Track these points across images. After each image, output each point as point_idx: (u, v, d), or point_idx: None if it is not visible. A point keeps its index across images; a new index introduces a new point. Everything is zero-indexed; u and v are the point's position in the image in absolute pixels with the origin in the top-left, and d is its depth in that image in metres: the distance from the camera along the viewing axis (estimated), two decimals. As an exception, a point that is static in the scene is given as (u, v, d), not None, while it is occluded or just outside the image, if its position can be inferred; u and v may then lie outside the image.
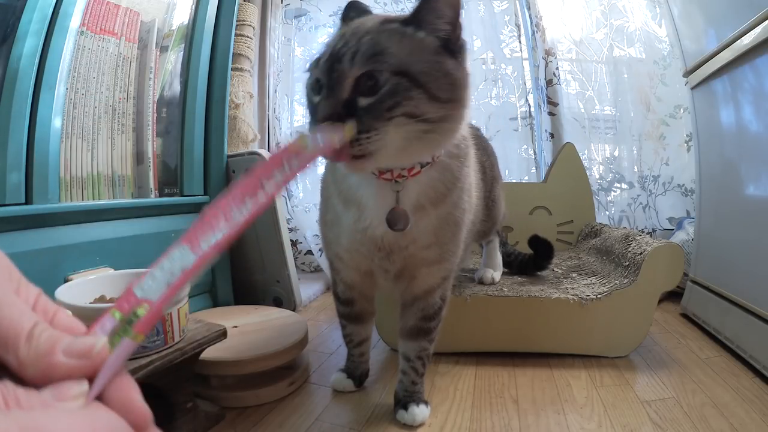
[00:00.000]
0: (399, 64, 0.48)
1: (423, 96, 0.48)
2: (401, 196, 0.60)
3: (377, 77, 0.48)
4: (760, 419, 0.72)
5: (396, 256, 0.65)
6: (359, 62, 0.48)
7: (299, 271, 1.78)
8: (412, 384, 0.74)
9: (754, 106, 0.94)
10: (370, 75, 0.48)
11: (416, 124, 0.49)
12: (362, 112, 0.47)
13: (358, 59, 0.48)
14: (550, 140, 1.62)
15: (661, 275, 0.93)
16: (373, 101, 0.48)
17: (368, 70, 0.48)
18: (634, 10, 1.59)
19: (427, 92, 0.49)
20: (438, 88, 0.49)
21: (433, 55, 0.51)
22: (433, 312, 0.71)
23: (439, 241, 0.65)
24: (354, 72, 0.48)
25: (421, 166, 0.58)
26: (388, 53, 0.48)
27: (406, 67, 0.48)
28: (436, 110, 0.50)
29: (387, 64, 0.48)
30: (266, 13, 1.78)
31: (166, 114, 1.19)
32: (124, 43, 1.04)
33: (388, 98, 0.47)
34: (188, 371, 0.68)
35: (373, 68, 0.48)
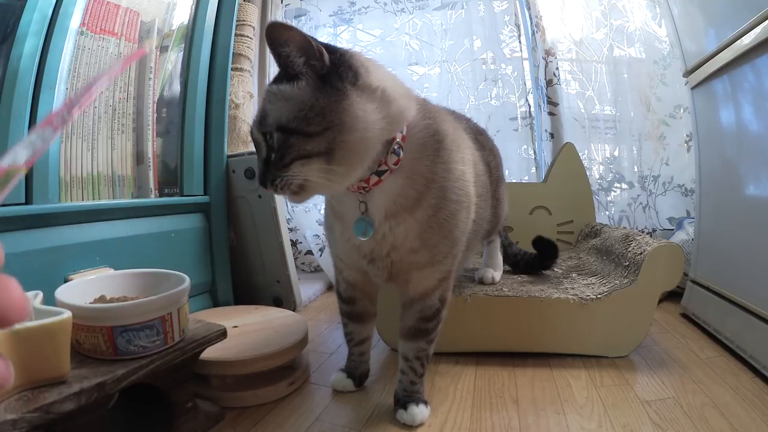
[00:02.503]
0: (274, 122, 0.56)
1: (299, 139, 0.54)
2: (370, 206, 0.63)
3: (272, 136, 0.56)
4: (760, 419, 0.72)
5: (379, 263, 0.67)
6: (255, 128, 0.58)
7: (299, 271, 1.78)
8: (411, 384, 0.74)
9: (754, 106, 0.94)
10: (267, 136, 0.57)
11: (313, 160, 0.55)
12: (271, 166, 0.56)
13: (255, 126, 0.58)
14: (550, 140, 1.62)
15: (661, 275, 0.93)
16: (273, 156, 0.56)
17: (261, 133, 0.57)
18: (634, 10, 1.58)
19: (302, 134, 0.54)
20: (308, 125, 0.54)
21: (300, 96, 0.55)
22: (431, 313, 0.71)
23: (426, 244, 0.65)
24: (259, 137, 0.58)
25: (379, 175, 0.60)
26: (268, 116, 0.56)
27: (278, 122, 0.55)
28: (319, 143, 0.54)
29: (269, 126, 0.56)
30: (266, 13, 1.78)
31: (166, 114, 1.19)
32: (124, 43, 1.04)
33: (278, 152, 0.55)
34: (188, 371, 0.68)
35: (264, 131, 0.57)
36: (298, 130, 0.54)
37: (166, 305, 0.61)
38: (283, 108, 0.55)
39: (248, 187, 1.23)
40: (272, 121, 0.56)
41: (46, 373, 0.51)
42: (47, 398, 0.48)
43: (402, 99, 0.60)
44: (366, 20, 1.80)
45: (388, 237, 0.64)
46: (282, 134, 0.55)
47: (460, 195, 0.66)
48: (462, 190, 0.66)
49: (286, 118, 0.55)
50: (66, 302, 0.58)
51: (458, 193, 0.65)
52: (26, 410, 0.46)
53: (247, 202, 1.24)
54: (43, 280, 0.75)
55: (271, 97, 0.57)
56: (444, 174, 0.64)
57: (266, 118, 0.56)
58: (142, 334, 0.59)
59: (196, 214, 1.17)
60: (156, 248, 1.02)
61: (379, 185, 0.61)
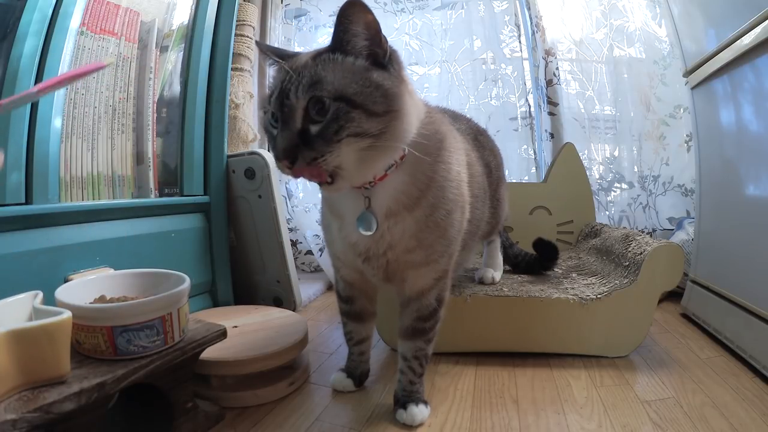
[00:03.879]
0: (335, 90, 0.53)
1: (362, 115, 0.53)
2: (373, 203, 0.63)
3: (323, 101, 0.52)
4: (760, 419, 0.72)
5: (375, 262, 0.67)
6: (302, 94, 0.53)
7: (299, 271, 1.78)
8: (411, 384, 0.74)
9: (754, 106, 0.94)
10: (315, 101, 0.53)
11: (363, 140, 0.53)
12: (314, 139, 0.53)
13: (301, 91, 0.53)
14: (550, 140, 1.62)
15: (661, 275, 0.93)
16: (320, 128, 0.52)
17: (312, 97, 0.53)
18: (634, 10, 1.59)
19: (365, 110, 0.53)
20: (373, 103, 0.53)
21: (363, 73, 0.54)
22: (428, 313, 0.71)
23: (422, 243, 0.65)
24: (301, 103, 0.53)
25: (386, 170, 0.60)
26: (326, 81, 0.53)
27: (342, 92, 0.53)
28: (377, 124, 0.53)
29: (326, 92, 0.52)
30: (266, 13, 1.78)
31: (166, 114, 1.19)
32: (124, 43, 1.04)
33: (333, 123, 0.52)
34: (188, 371, 0.68)
35: (316, 96, 0.52)
36: (363, 106, 0.52)
37: (166, 305, 0.61)
38: (347, 78, 0.53)
39: (248, 187, 1.23)
40: (332, 88, 0.52)
41: (46, 373, 0.51)
42: (47, 398, 0.48)
43: (418, 97, 0.63)
44: (366, 20, 1.80)
45: (385, 235, 0.64)
46: (345, 105, 0.52)
47: (456, 195, 0.67)
48: (457, 190, 0.67)
49: (352, 90, 0.53)
50: (66, 302, 0.58)
51: (454, 193, 0.66)
52: (26, 410, 0.46)
53: (247, 202, 1.24)
54: (43, 280, 0.75)
55: (327, 65, 0.54)
56: (444, 174, 0.65)
57: (321, 83, 0.52)
58: (142, 334, 0.59)
59: (196, 214, 1.17)
60: (156, 248, 1.03)
61: (384, 181, 0.61)
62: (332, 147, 0.52)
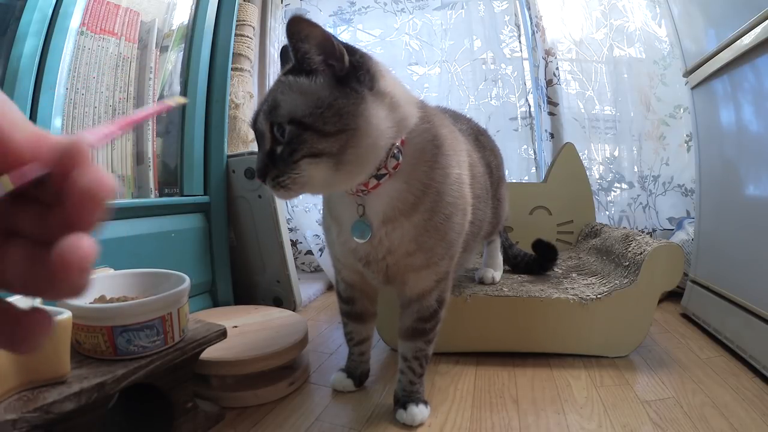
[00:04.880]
0: (287, 114, 0.54)
1: (314, 136, 0.53)
2: (367, 210, 0.63)
3: (278, 129, 0.54)
4: (760, 419, 0.72)
5: (374, 266, 0.67)
6: (264, 119, 0.55)
7: (299, 271, 1.78)
8: (411, 384, 0.74)
9: (754, 106, 0.94)
10: (276, 126, 0.54)
11: (322, 159, 0.54)
12: (277, 159, 0.55)
13: (263, 117, 0.56)
14: (550, 140, 1.62)
15: (661, 275, 0.93)
16: (282, 148, 0.54)
17: (271, 123, 0.55)
18: (634, 10, 1.58)
19: (316, 131, 0.53)
20: (324, 123, 0.53)
21: (318, 93, 0.54)
22: (428, 314, 0.71)
23: (422, 247, 0.65)
24: (266, 127, 0.55)
25: (378, 178, 0.60)
26: (281, 106, 0.54)
27: (293, 115, 0.53)
28: (332, 144, 0.53)
29: (281, 116, 0.54)
30: (266, 13, 1.78)
31: (166, 114, 1.19)
32: (124, 43, 1.04)
33: (289, 145, 0.54)
34: (188, 371, 0.68)
35: (274, 121, 0.54)
36: (314, 127, 0.53)
37: (166, 305, 0.61)
38: (298, 101, 0.54)
39: (248, 187, 1.23)
40: (285, 112, 0.54)
41: (46, 373, 0.51)
42: (47, 398, 0.48)
43: (407, 106, 0.61)
44: (366, 20, 1.80)
45: (384, 241, 0.64)
46: (295, 128, 0.53)
47: (456, 198, 0.66)
48: (458, 193, 0.66)
49: (301, 112, 0.53)
50: (66, 302, 0.58)
51: (454, 196, 0.66)
52: (26, 410, 0.46)
53: (247, 202, 1.24)
54: (43, 280, 0.75)
55: (284, 88, 0.55)
56: (441, 179, 0.64)
57: (278, 108, 0.54)
58: (142, 334, 0.59)
59: (196, 214, 1.17)
60: (156, 248, 1.02)
61: (378, 189, 0.61)
62: (291, 167, 0.54)
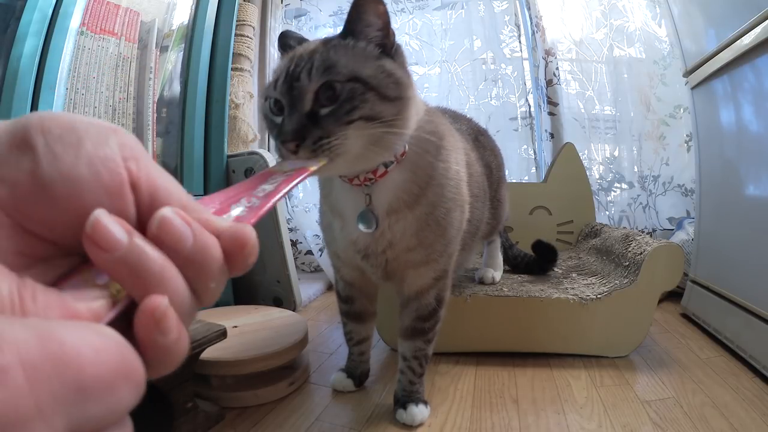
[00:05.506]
0: (350, 72, 0.52)
1: (375, 97, 0.52)
2: (373, 200, 0.63)
3: (334, 87, 0.51)
4: (760, 419, 0.72)
5: (373, 260, 0.67)
6: (316, 76, 0.52)
7: (299, 271, 1.78)
8: (410, 384, 0.74)
9: (754, 106, 0.94)
10: (327, 86, 0.51)
11: (373, 125, 0.52)
12: (324, 120, 0.51)
13: (314, 74, 0.52)
14: (550, 140, 1.62)
15: (661, 275, 0.93)
16: (333, 108, 0.51)
17: (325, 82, 0.51)
18: (634, 10, 1.59)
19: (378, 93, 0.52)
20: (386, 87, 0.53)
21: (375, 59, 0.55)
22: (427, 313, 0.71)
23: (422, 242, 0.65)
24: (312, 86, 0.52)
25: (386, 166, 0.60)
26: (339, 64, 0.52)
27: (357, 73, 0.52)
28: (389, 109, 0.53)
29: (340, 74, 0.52)
30: (266, 13, 1.78)
31: (166, 114, 1.19)
32: (124, 43, 1.04)
33: (347, 103, 0.51)
34: (188, 371, 0.68)
35: (330, 79, 0.51)
36: (377, 89, 0.52)
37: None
38: (360, 62, 0.53)
39: (248, 187, 1.22)
40: (347, 70, 0.52)
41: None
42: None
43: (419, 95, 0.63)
44: (366, 20, 1.80)
45: (386, 233, 0.64)
46: (360, 86, 0.52)
47: (455, 194, 0.67)
48: (456, 189, 0.67)
49: (365, 73, 0.52)
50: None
51: (453, 192, 0.66)
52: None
53: (247, 202, 1.24)
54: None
55: (339, 50, 0.54)
56: (443, 172, 0.65)
57: (335, 66, 0.52)
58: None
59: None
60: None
61: (385, 177, 0.61)
62: (342, 129, 0.51)
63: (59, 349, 0.13)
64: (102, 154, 0.18)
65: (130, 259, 0.17)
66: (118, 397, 0.14)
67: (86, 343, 0.13)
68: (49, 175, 0.17)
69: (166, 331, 0.17)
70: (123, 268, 0.17)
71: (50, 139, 0.18)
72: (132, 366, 0.15)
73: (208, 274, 0.19)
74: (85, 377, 0.13)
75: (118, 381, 0.14)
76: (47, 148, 0.17)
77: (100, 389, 0.13)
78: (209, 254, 0.19)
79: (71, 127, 0.18)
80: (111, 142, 0.19)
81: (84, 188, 0.17)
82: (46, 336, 0.13)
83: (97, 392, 0.13)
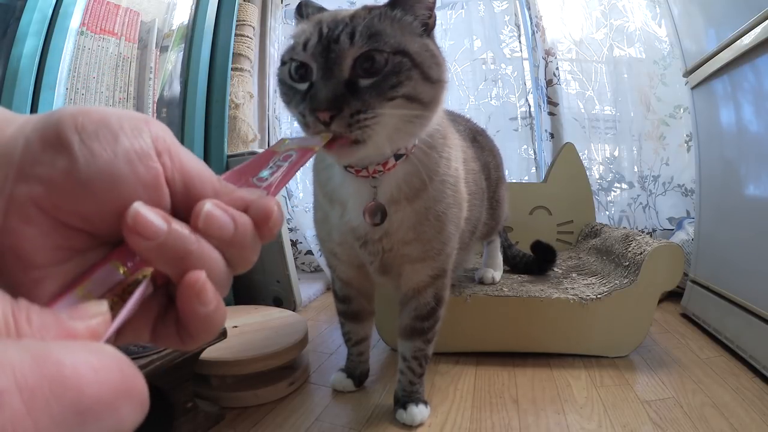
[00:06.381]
0: (397, 44, 0.48)
1: (419, 76, 0.49)
2: (378, 191, 0.61)
3: (376, 58, 0.47)
4: (760, 419, 0.72)
5: (372, 248, 0.65)
6: (360, 42, 0.47)
7: (299, 271, 1.78)
8: (411, 384, 0.74)
9: (754, 106, 0.94)
10: (368, 56, 0.47)
11: (411, 106, 0.49)
12: (364, 91, 0.47)
13: (357, 39, 0.47)
14: (550, 140, 1.62)
15: (661, 275, 0.93)
16: (376, 80, 0.47)
17: (369, 50, 0.47)
18: (634, 10, 1.58)
19: (422, 72, 0.49)
20: (429, 67, 0.50)
21: (420, 36, 0.52)
22: (426, 312, 0.71)
23: (420, 237, 0.65)
24: (354, 51, 0.47)
25: (396, 159, 0.59)
26: (386, 34, 0.48)
27: (405, 47, 0.49)
28: (428, 91, 0.50)
29: (387, 45, 0.47)
30: (266, 13, 1.78)
31: (166, 114, 1.19)
32: (124, 43, 1.04)
33: (392, 77, 0.47)
34: (188, 371, 0.68)
35: (375, 47, 0.47)
36: (422, 67, 0.49)
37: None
38: (407, 36, 0.50)
39: (248, 187, 1.22)
40: (394, 41, 0.48)
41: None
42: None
43: None
44: (366, 20, 1.80)
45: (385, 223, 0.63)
46: (407, 60, 0.48)
47: (455, 191, 0.67)
48: (455, 187, 0.67)
49: (412, 48, 0.49)
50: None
51: (453, 189, 0.66)
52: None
53: (247, 202, 1.24)
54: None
55: (386, 19, 0.50)
56: (446, 169, 0.65)
57: (381, 35, 0.47)
58: (142, 334, 0.59)
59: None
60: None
61: (392, 170, 0.60)
62: (383, 103, 0.47)
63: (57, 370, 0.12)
64: (138, 148, 0.19)
65: (170, 244, 0.18)
66: (120, 416, 0.14)
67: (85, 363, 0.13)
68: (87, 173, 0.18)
69: (206, 302, 0.19)
70: (164, 253, 0.18)
71: (85, 137, 0.18)
72: (133, 383, 0.14)
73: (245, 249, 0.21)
74: (85, 399, 0.13)
75: (119, 400, 0.14)
76: (84, 146, 0.18)
77: (101, 410, 0.13)
78: (246, 232, 0.20)
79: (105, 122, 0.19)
80: (144, 135, 0.19)
81: (122, 183, 0.18)
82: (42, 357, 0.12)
83: (98, 413, 0.13)
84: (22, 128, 0.19)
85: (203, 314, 0.19)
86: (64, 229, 0.18)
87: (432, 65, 0.51)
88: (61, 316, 0.16)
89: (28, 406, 0.12)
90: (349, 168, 0.59)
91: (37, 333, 0.14)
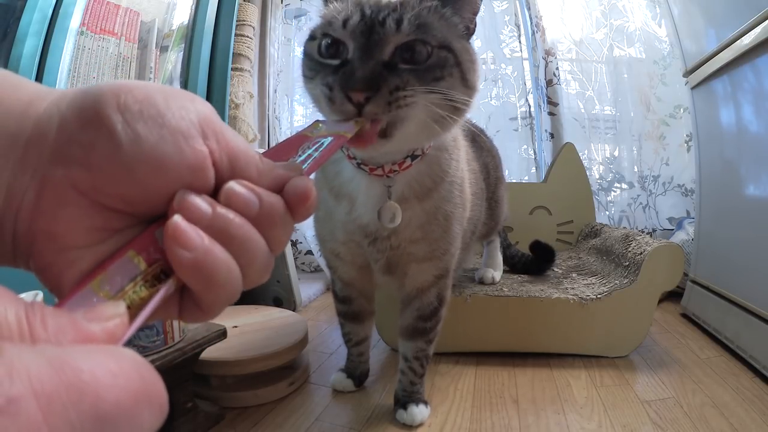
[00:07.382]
0: (444, 39, 0.48)
1: (458, 76, 0.49)
2: (391, 190, 0.61)
3: (419, 49, 0.46)
4: (760, 419, 0.72)
5: (380, 245, 0.65)
6: (407, 29, 0.46)
7: (299, 271, 1.78)
8: (411, 384, 0.74)
9: (754, 106, 0.94)
10: (411, 46, 0.46)
11: (444, 105, 0.47)
12: (403, 72, 0.45)
13: (405, 26, 0.46)
14: (550, 140, 1.62)
15: (661, 275, 0.93)
16: (417, 68, 0.46)
17: (415, 39, 0.46)
18: (634, 10, 1.59)
19: (462, 73, 0.49)
20: (468, 70, 0.50)
21: (462, 39, 0.52)
22: (428, 312, 0.71)
23: (427, 237, 0.65)
24: (399, 38, 0.46)
25: (412, 159, 0.59)
26: (434, 27, 0.48)
27: (451, 43, 0.48)
28: (462, 93, 0.49)
29: (434, 38, 0.47)
30: (266, 13, 1.78)
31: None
32: (124, 43, 1.04)
33: (436, 69, 0.47)
34: (188, 371, 0.68)
35: (422, 38, 0.46)
36: (462, 66, 0.49)
37: (166, 305, 0.61)
38: (453, 33, 0.50)
39: (248, 187, 1.22)
40: (441, 35, 0.48)
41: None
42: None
43: None
44: (366, 20, 1.80)
45: None
46: (452, 57, 0.48)
47: (461, 192, 0.67)
48: (462, 187, 0.68)
49: (456, 47, 0.48)
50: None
51: (459, 190, 0.67)
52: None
53: (247, 202, 1.24)
54: (43, 280, 0.75)
55: (435, 13, 0.49)
56: (455, 171, 0.65)
57: (429, 27, 0.47)
58: (142, 334, 0.59)
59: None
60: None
61: (407, 171, 0.60)
62: (422, 88, 0.45)
63: (74, 376, 0.12)
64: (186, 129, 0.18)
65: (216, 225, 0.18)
66: (140, 422, 0.13)
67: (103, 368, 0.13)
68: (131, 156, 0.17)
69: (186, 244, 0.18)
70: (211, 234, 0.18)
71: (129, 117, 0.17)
72: (153, 388, 0.14)
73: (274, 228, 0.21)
74: (104, 405, 0.12)
75: (139, 405, 0.13)
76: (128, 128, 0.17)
77: (120, 416, 0.13)
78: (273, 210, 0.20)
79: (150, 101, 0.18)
80: (192, 115, 0.19)
81: (168, 166, 0.17)
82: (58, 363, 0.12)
83: (117, 419, 0.13)
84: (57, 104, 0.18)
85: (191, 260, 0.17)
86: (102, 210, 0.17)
87: (471, 69, 0.50)
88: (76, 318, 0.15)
89: (44, 413, 0.11)
90: (362, 165, 0.58)
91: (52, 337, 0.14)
